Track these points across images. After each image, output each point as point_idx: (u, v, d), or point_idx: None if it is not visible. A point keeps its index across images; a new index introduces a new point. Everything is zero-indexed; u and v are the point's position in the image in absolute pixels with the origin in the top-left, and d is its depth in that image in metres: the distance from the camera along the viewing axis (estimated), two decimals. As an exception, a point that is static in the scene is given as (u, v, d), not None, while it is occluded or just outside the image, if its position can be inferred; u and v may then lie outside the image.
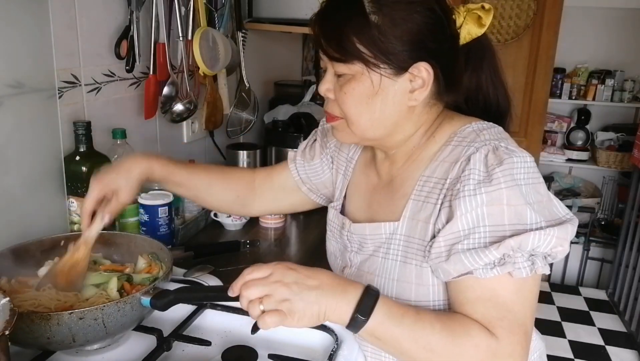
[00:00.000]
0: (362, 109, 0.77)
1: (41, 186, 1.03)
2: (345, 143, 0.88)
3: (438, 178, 0.77)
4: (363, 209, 0.90)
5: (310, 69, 2.71)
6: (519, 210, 0.69)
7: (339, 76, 0.77)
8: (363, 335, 0.67)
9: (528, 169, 0.72)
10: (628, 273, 3.01)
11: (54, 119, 1.04)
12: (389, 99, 0.76)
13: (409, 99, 0.77)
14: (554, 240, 0.68)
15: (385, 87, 0.75)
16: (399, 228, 0.80)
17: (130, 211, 1.21)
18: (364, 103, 0.76)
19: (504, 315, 0.68)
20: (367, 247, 0.85)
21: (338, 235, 0.93)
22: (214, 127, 1.60)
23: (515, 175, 0.70)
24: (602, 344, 2.81)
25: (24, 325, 0.70)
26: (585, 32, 3.40)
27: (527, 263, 0.68)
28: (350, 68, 0.75)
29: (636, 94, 3.35)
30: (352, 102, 0.77)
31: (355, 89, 0.76)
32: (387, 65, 0.73)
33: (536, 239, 0.67)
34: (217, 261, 1.22)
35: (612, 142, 3.41)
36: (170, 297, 0.78)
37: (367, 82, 0.75)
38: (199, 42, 1.36)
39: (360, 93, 0.76)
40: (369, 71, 0.74)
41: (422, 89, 0.76)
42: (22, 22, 0.95)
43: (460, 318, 0.70)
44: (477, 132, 0.77)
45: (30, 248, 0.92)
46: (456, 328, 0.68)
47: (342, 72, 0.76)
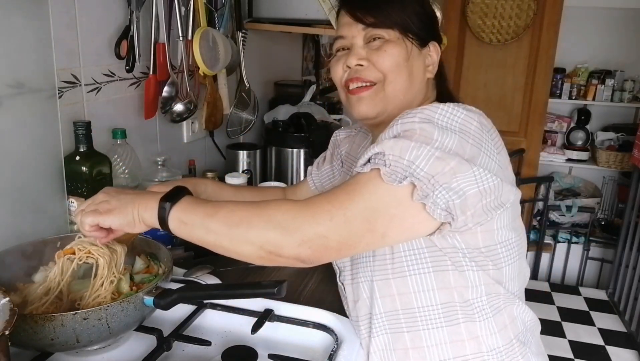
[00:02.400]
0: (400, 69, 0.85)
1: (41, 186, 1.03)
2: (369, 115, 0.89)
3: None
4: None
5: (310, 69, 2.71)
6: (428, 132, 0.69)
7: (372, 40, 0.86)
8: (173, 222, 0.73)
9: (453, 116, 0.72)
10: (628, 273, 3.01)
11: (54, 119, 1.04)
12: (415, 66, 0.87)
13: (426, 71, 0.89)
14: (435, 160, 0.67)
15: (414, 55, 0.87)
16: None
17: (130, 211, 1.21)
18: (402, 64, 0.85)
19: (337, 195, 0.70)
20: None
21: None
22: (214, 127, 1.60)
23: (433, 116, 0.72)
24: (602, 344, 2.81)
25: (27, 327, 0.70)
26: (585, 32, 3.40)
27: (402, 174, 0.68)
28: (388, 33, 0.85)
29: (636, 94, 3.35)
30: (393, 60, 0.85)
31: (395, 49, 0.85)
32: (416, 36, 0.86)
33: (415, 151, 0.68)
34: (217, 261, 1.21)
35: (612, 142, 3.41)
36: (174, 296, 0.78)
37: (402, 46, 0.85)
38: (199, 42, 1.36)
39: (399, 53, 0.85)
40: (403, 38, 0.85)
41: (433, 65, 0.90)
42: (22, 22, 0.95)
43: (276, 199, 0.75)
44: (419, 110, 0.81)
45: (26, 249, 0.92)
46: (265, 203, 0.72)
47: (380, 35, 0.85)
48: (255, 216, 0.69)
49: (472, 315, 0.82)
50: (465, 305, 0.81)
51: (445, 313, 0.81)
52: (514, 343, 0.85)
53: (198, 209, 0.72)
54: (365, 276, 0.86)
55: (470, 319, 0.82)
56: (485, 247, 0.80)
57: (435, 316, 0.82)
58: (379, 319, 0.86)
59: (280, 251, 0.68)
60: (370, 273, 0.85)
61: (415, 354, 0.84)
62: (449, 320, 0.82)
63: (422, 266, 0.80)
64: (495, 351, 0.83)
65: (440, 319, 0.82)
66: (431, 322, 0.82)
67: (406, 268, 0.81)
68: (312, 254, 0.68)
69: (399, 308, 0.83)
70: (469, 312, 0.82)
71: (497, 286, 0.82)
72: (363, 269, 0.87)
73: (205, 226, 0.71)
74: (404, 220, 0.71)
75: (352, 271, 0.90)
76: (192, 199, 0.74)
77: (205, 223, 0.71)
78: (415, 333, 0.83)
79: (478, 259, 0.80)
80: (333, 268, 0.98)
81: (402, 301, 0.83)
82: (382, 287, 0.84)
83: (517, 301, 0.86)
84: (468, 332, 0.82)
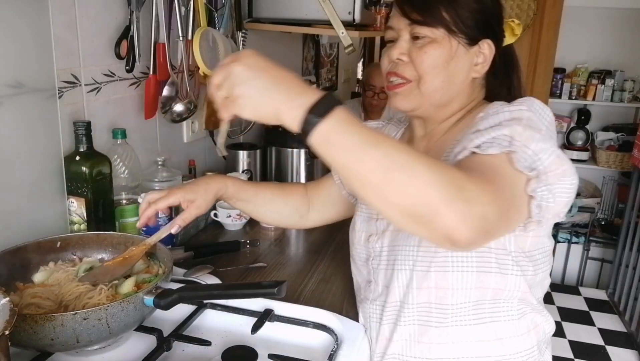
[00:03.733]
0: (439, 70, 0.84)
1: (41, 186, 1.03)
2: (404, 109, 0.90)
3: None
4: None
5: (310, 69, 2.71)
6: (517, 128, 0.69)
7: (417, 39, 0.85)
8: (317, 138, 0.58)
9: (544, 113, 0.76)
10: (628, 273, 3.01)
11: (54, 119, 1.04)
12: (459, 66, 0.85)
13: (472, 70, 0.87)
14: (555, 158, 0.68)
15: (459, 54, 0.85)
16: None
17: (130, 212, 1.21)
18: (441, 65, 0.84)
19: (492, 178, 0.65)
20: None
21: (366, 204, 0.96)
22: (214, 127, 1.60)
23: (536, 108, 0.75)
24: (602, 344, 2.81)
25: (27, 327, 0.70)
26: (585, 32, 3.40)
27: (528, 163, 0.67)
28: (433, 32, 0.83)
29: (636, 94, 3.35)
30: (431, 61, 0.84)
31: (437, 50, 0.84)
32: (465, 35, 0.84)
33: (541, 143, 0.68)
34: (217, 261, 1.22)
35: (612, 142, 3.41)
36: (174, 296, 0.78)
37: (447, 46, 0.84)
38: (199, 42, 1.36)
39: (440, 55, 0.84)
40: (449, 37, 0.83)
41: (483, 64, 0.87)
42: (22, 22, 0.95)
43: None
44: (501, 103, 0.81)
45: (27, 249, 0.92)
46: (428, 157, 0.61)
47: (424, 34, 0.84)
48: (424, 165, 0.57)
49: (499, 316, 0.82)
50: (494, 306, 0.82)
51: (475, 311, 0.82)
52: (535, 350, 0.86)
53: (353, 131, 0.58)
54: (405, 264, 0.85)
55: (497, 320, 0.83)
56: (529, 251, 0.81)
57: (465, 314, 0.82)
58: (410, 309, 0.85)
59: (434, 218, 0.57)
60: (411, 262, 0.84)
61: (439, 349, 0.84)
62: (478, 318, 0.82)
63: (467, 264, 0.80)
64: (517, 356, 0.83)
65: (469, 317, 0.82)
66: (461, 319, 0.83)
67: (450, 263, 0.80)
68: (469, 236, 0.57)
69: (433, 302, 0.83)
70: (497, 313, 0.82)
71: (528, 292, 0.84)
72: (404, 257, 0.85)
73: (357, 156, 0.58)
74: (520, 210, 0.70)
75: (388, 256, 0.89)
76: (345, 115, 0.59)
77: (359, 152, 0.58)
78: (443, 329, 0.83)
79: (522, 263, 0.81)
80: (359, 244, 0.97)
81: (438, 296, 0.82)
82: (421, 278, 0.83)
83: (542, 309, 0.88)
84: (494, 333, 0.83)
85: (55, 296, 0.84)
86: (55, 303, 0.83)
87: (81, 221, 1.09)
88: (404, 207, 0.57)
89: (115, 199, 1.18)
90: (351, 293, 1.10)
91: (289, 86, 0.61)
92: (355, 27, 1.66)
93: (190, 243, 1.33)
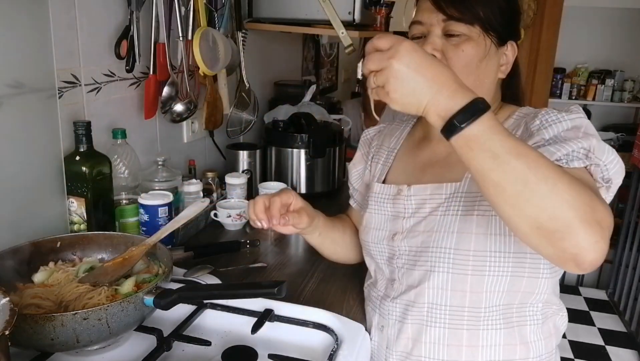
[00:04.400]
0: (471, 69, 0.83)
1: (41, 186, 1.03)
2: None
3: None
4: (416, 179, 0.92)
5: (310, 69, 2.71)
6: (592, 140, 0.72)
7: (451, 36, 0.83)
8: (459, 141, 0.60)
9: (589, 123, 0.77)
10: (628, 273, 3.01)
11: (54, 119, 1.04)
12: (490, 65, 0.85)
13: (499, 71, 0.87)
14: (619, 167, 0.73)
15: (491, 54, 0.84)
16: (460, 187, 0.84)
17: (130, 212, 1.22)
18: (474, 63, 0.83)
19: (596, 191, 0.69)
20: (424, 209, 0.88)
21: (390, 204, 0.94)
22: (214, 127, 1.60)
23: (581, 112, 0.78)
24: (602, 344, 2.81)
25: (27, 327, 0.70)
26: (585, 32, 3.40)
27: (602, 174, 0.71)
28: (469, 29, 0.82)
29: (636, 94, 3.35)
30: (466, 60, 0.83)
31: (473, 49, 0.83)
32: (497, 34, 0.83)
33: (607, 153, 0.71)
34: (217, 261, 1.22)
35: (612, 142, 3.41)
36: (174, 296, 0.78)
37: (482, 44, 0.83)
38: (199, 42, 1.36)
39: (475, 53, 0.83)
40: (484, 35, 0.83)
41: (507, 65, 0.87)
42: (22, 22, 0.95)
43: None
44: (535, 111, 0.84)
45: (27, 249, 0.92)
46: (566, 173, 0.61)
47: (460, 32, 0.82)
48: (564, 181, 0.57)
49: (524, 319, 0.84)
50: (521, 309, 0.83)
51: (504, 315, 0.83)
52: (554, 353, 0.88)
53: (496, 139, 0.59)
54: (441, 267, 0.83)
55: (523, 323, 0.84)
56: None
57: (496, 317, 0.83)
58: (442, 311, 0.85)
59: (566, 236, 0.56)
60: (447, 265, 0.82)
61: (468, 352, 0.84)
62: (507, 322, 0.83)
63: (502, 268, 0.80)
64: (540, 358, 0.85)
65: (500, 320, 0.83)
66: (492, 323, 0.83)
67: (487, 267, 0.80)
68: (595, 258, 0.57)
69: (466, 305, 0.83)
70: (523, 317, 0.84)
71: (552, 295, 0.86)
72: (438, 259, 0.83)
73: (497, 164, 0.58)
74: None
75: (418, 257, 0.88)
76: (491, 122, 0.59)
77: (500, 162, 0.58)
78: (474, 332, 0.84)
79: (551, 265, 0.82)
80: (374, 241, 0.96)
81: (472, 299, 0.82)
82: (456, 281, 0.82)
83: (562, 312, 0.90)
84: (520, 336, 0.84)
85: (55, 296, 0.84)
86: (55, 303, 0.83)
87: (81, 221, 1.09)
88: (538, 221, 0.58)
89: (115, 199, 1.18)
90: (351, 293, 1.10)
91: (441, 87, 0.62)
92: (355, 27, 1.66)
93: (190, 243, 1.33)
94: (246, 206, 1.45)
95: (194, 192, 1.39)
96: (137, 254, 0.92)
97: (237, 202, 1.50)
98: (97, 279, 0.87)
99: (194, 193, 1.39)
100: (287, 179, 1.73)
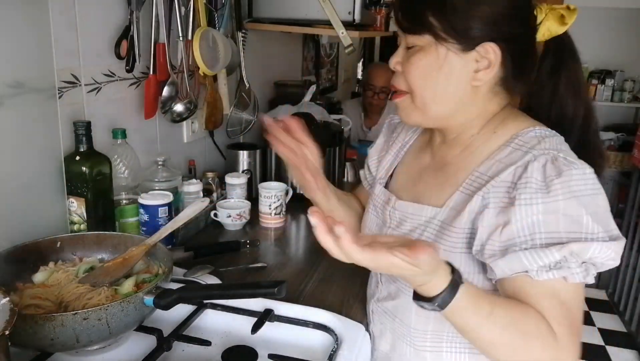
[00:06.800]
0: (426, 82, 0.78)
1: (41, 186, 1.03)
2: (409, 123, 0.89)
3: (489, 177, 0.76)
4: (408, 189, 0.91)
5: (310, 69, 2.72)
6: (576, 219, 0.68)
7: (409, 48, 0.80)
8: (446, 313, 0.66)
9: (587, 180, 0.70)
10: (628, 273, 3.01)
11: (54, 119, 1.04)
12: (453, 74, 0.77)
13: (473, 78, 0.77)
14: (612, 254, 0.68)
15: (450, 62, 0.76)
16: (439, 215, 0.81)
17: (130, 211, 1.22)
18: (429, 76, 0.78)
19: (566, 315, 0.68)
20: (405, 225, 0.87)
21: (380, 210, 0.94)
22: (214, 127, 1.60)
23: (573, 187, 0.69)
24: (602, 344, 2.81)
25: (27, 327, 0.70)
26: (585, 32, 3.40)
27: (581, 268, 0.68)
28: (420, 39, 0.77)
29: (636, 94, 3.35)
30: (417, 73, 0.79)
31: (422, 60, 0.78)
32: (455, 40, 0.75)
33: (597, 250, 0.67)
34: (217, 261, 1.22)
35: (612, 142, 3.41)
36: (174, 296, 0.78)
37: (433, 54, 0.77)
38: (199, 42, 1.36)
39: (426, 65, 0.78)
40: (436, 44, 0.76)
41: (487, 70, 0.77)
42: (22, 22, 0.95)
43: (533, 314, 0.69)
44: (539, 139, 0.76)
45: (27, 249, 0.92)
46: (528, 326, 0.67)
47: (413, 43, 0.79)
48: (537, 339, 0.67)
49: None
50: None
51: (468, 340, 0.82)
52: None
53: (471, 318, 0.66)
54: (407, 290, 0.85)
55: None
56: None
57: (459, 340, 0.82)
58: (408, 330, 0.85)
59: None
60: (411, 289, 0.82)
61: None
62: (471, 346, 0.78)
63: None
64: None
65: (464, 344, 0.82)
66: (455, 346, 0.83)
67: None
68: None
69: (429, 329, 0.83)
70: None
71: None
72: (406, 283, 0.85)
73: (467, 333, 0.69)
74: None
75: None
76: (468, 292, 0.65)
77: (471, 333, 0.68)
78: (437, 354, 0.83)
79: None
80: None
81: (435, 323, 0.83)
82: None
83: None
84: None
85: (55, 296, 0.84)
86: (55, 303, 0.83)
87: (81, 221, 1.09)
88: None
89: (115, 199, 1.18)
90: (351, 293, 1.10)
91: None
92: (355, 27, 1.66)
93: (190, 243, 1.33)
94: (246, 206, 1.45)
95: (194, 192, 1.39)
96: (137, 254, 0.92)
97: (237, 202, 1.50)
98: (97, 280, 0.87)
99: (194, 193, 1.39)
100: (287, 179, 1.73)
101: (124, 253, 0.94)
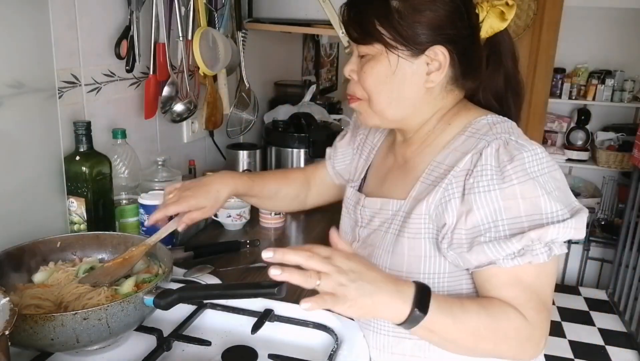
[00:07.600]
0: (380, 88, 0.82)
1: (41, 186, 1.03)
2: (368, 126, 0.95)
3: (447, 166, 0.80)
4: (378, 188, 0.94)
5: (310, 69, 2.71)
6: (534, 201, 0.72)
7: (362, 57, 0.83)
8: (418, 330, 0.67)
9: (540, 160, 0.74)
10: (628, 273, 3.01)
11: (54, 119, 1.04)
12: (406, 79, 0.81)
13: (425, 80, 0.81)
14: (572, 231, 0.72)
15: (402, 68, 0.80)
16: (403, 206, 0.84)
17: (130, 212, 1.21)
18: (382, 82, 0.81)
19: (530, 297, 0.72)
20: (374, 221, 0.89)
21: (352, 211, 0.97)
22: (214, 127, 1.60)
23: (528, 169, 0.73)
24: (602, 344, 2.81)
25: (27, 327, 0.70)
26: (585, 32, 3.40)
27: (545, 249, 0.71)
28: (370, 49, 0.81)
29: (636, 94, 3.35)
30: (371, 80, 0.82)
31: (374, 68, 0.81)
32: (405, 47, 0.79)
33: (555, 231, 0.70)
34: (217, 261, 1.22)
35: (612, 142, 3.41)
36: (174, 296, 0.78)
37: (385, 62, 0.80)
38: (199, 42, 1.36)
39: (379, 72, 0.81)
40: (387, 52, 0.79)
41: (438, 71, 0.80)
42: (22, 22, 0.95)
43: (498, 303, 0.72)
44: (490, 125, 0.80)
45: (27, 249, 0.92)
46: (497, 313, 0.71)
47: (365, 52, 0.82)
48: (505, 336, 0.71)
49: None
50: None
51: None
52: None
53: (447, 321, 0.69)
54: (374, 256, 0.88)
55: None
56: None
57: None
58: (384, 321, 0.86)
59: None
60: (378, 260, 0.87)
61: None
62: None
63: (439, 289, 0.80)
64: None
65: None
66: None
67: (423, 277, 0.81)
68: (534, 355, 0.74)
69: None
70: None
71: None
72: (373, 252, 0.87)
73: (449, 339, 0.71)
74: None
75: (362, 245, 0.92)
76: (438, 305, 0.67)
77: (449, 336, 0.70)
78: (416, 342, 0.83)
79: None
80: None
81: None
82: None
83: None
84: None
85: (55, 297, 0.84)
86: (55, 303, 0.83)
87: (81, 221, 1.09)
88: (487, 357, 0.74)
89: (115, 199, 1.18)
90: (351, 293, 1.10)
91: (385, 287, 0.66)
92: (355, 27, 1.66)
93: (190, 243, 1.33)
94: (246, 206, 1.45)
95: (194, 192, 1.39)
96: (137, 254, 0.92)
97: (237, 202, 1.49)
98: (97, 280, 0.87)
99: (194, 193, 1.39)
100: (287, 179, 1.73)
101: (124, 253, 0.93)
